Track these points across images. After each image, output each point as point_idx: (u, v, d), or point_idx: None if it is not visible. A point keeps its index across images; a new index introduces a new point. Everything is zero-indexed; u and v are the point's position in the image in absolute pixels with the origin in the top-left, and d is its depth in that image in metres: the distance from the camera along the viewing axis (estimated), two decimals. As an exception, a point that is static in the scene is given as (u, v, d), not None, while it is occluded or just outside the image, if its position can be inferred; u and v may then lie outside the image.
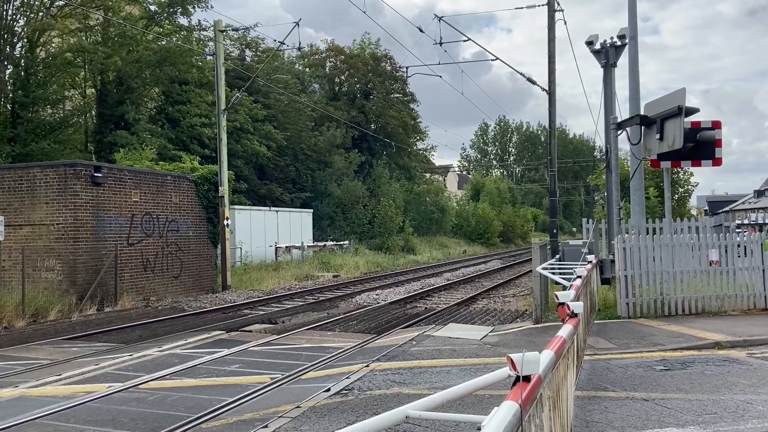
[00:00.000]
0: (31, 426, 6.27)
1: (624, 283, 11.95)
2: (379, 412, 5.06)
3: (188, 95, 30.01)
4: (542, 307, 12.21)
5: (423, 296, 18.77)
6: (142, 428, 6.17)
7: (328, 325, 13.17)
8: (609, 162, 14.19)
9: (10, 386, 7.85)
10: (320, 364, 8.91)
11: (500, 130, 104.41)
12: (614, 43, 14.25)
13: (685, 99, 11.56)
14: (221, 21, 22.22)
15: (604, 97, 14.51)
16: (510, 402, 2.38)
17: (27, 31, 24.23)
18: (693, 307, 12.04)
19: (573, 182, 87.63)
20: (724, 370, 7.93)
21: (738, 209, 72.53)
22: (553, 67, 20.82)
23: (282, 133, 35.86)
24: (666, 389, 7.07)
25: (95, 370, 8.77)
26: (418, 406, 2.60)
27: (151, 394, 7.47)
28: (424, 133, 55.01)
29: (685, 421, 5.91)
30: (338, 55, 48.32)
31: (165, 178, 18.96)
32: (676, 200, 26.01)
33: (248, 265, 25.41)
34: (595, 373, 7.83)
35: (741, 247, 12.48)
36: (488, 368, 7.87)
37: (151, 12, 28.37)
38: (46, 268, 15.73)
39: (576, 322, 4.92)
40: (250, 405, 6.87)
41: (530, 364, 2.63)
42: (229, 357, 9.60)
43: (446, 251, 44.74)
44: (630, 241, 12.11)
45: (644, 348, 9.27)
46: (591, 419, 6.00)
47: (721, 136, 13.20)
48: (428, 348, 9.77)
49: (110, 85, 28.04)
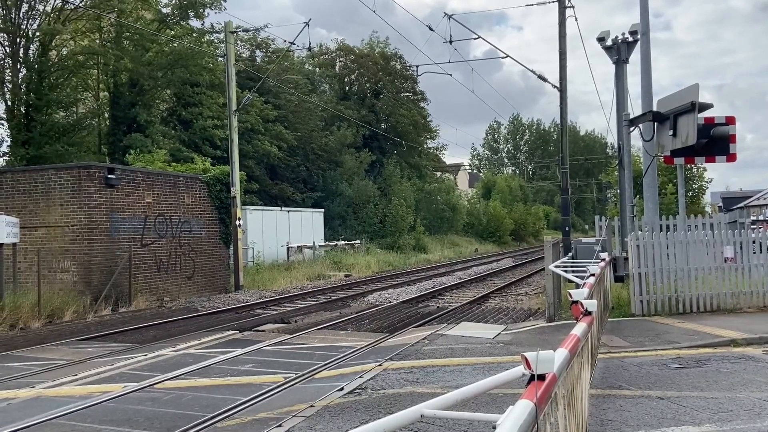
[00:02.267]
0: (47, 426, 6.33)
1: (638, 281, 11.87)
2: (393, 411, 5.07)
3: (200, 97, 30.19)
4: (555, 306, 12.16)
5: (435, 295, 18.75)
6: (158, 428, 6.21)
7: (341, 324, 13.19)
8: (621, 159, 14.11)
9: (27, 386, 7.93)
10: (333, 363, 8.93)
11: (513, 128, 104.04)
12: (626, 39, 14.17)
13: (698, 95, 11.45)
14: (231, 22, 22.31)
15: (616, 94, 14.43)
16: (525, 401, 2.37)
17: (39, 34, 24.46)
18: (708, 304, 11.93)
19: (585, 179, 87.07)
20: (740, 368, 7.86)
21: (753, 205, 71.68)
22: (564, 64, 20.71)
23: (293, 133, 35.96)
24: (681, 387, 7.01)
25: (111, 370, 8.85)
26: (432, 405, 2.61)
27: (166, 393, 7.53)
28: (435, 131, 54.99)
29: (701, 420, 5.86)
30: (348, 55, 48.36)
31: (177, 179, 19.08)
32: (690, 197, 25.81)
33: (260, 265, 25.51)
34: (609, 372, 7.79)
35: (756, 243, 12.35)
36: (501, 367, 7.86)
37: (163, 14, 28.56)
38: (62, 270, 15.88)
39: (590, 320, 4.90)
40: (264, 404, 6.90)
41: (545, 362, 2.62)
42: (242, 357, 9.64)
43: (458, 250, 44.66)
44: (643, 239, 12.02)
45: (659, 346, 9.20)
46: (606, 418, 5.97)
47: (735, 131, 13.05)
48: (441, 347, 9.76)
49: (123, 88, 28.26)
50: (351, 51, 48.44)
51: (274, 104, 35.25)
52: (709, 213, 35.10)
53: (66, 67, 25.75)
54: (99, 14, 25.29)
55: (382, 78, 47.85)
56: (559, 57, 20.71)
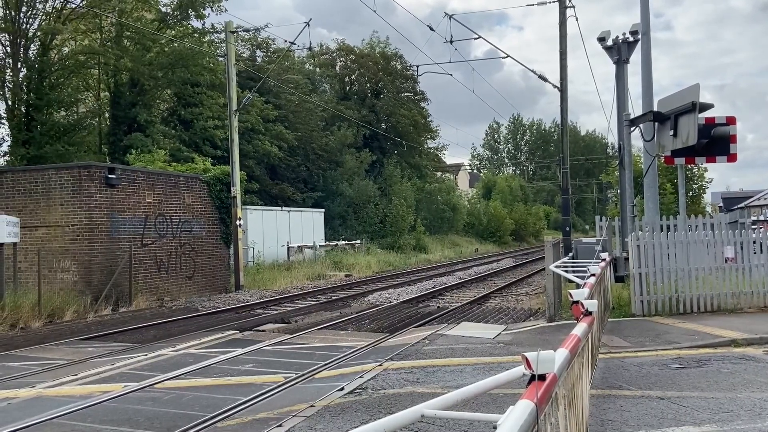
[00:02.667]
0: (48, 425, 6.33)
1: (638, 281, 11.86)
2: (393, 411, 5.06)
3: (200, 97, 30.18)
4: (555, 306, 12.15)
5: (435, 295, 18.75)
6: (158, 427, 6.21)
7: (341, 324, 13.19)
8: (622, 159, 14.10)
9: (28, 386, 7.93)
10: (333, 363, 8.92)
11: (514, 128, 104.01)
12: (626, 39, 14.16)
13: (699, 95, 11.44)
14: (232, 22, 22.31)
15: (617, 94, 14.42)
16: (525, 401, 2.37)
17: (39, 34, 24.46)
18: (708, 304, 11.93)
19: (585, 179, 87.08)
20: (740, 368, 7.85)
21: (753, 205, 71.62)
22: (564, 64, 20.72)
23: (293, 133, 35.95)
24: (682, 387, 7.01)
25: (111, 370, 8.85)
26: (433, 405, 2.61)
27: (166, 393, 7.53)
28: (435, 131, 54.95)
29: (702, 420, 5.86)
30: (348, 55, 48.35)
31: (178, 179, 19.08)
32: (690, 197, 25.79)
33: (261, 264, 25.51)
34: (610, 372, 7.79)
35: (757, 243, 12.35)
36: (502, 367, 7.85)
37: (163, 14, 28.55)
38: (62, 269, 15.88)
39: (590, 320, 4.90)
40: (264, 404, 6.90)
41: (545, 362, 2.62)
42: (242, 356, 9.64)
43: (458, 250, 44.66)
44: (644, 239, 12.02)
45: (659, 346, 9.20)
46: (606, 418, 5.96)
47: (736, 131, 13.06)
48: (441, 347, 9.76)
49: (123, 88, 28.25)
50: (351, 51, 48.43)
51: (275, 104, 35.25)
52: (710, 213, 35.08)
53: (66, 67, 25.73)
54: (99, 14, 25.29)
55: (382, 78, 47.84)
56: (560, 57, 20.72)
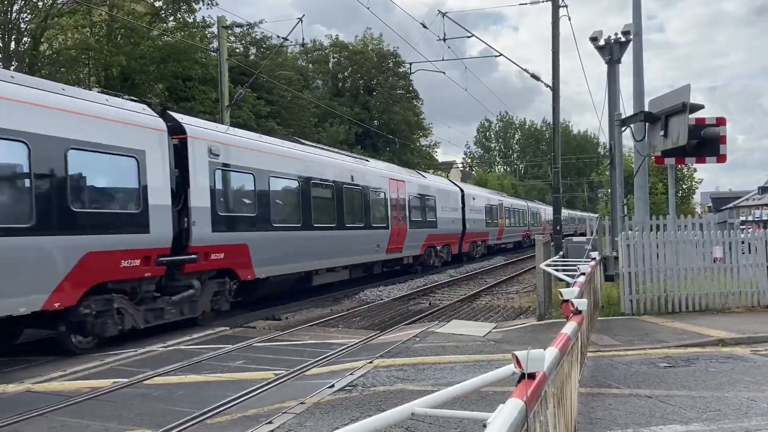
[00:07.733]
0: (36, 421, 6.30)
1: (628, 280, 11.93)
2: (384, 409, 5.08)
3: (192, 92, 30.01)
4: (546, 304, 12.21)
5: (426, 292, 18.77)
6: (147, 423, 6.20)
7: (332, 321, 13.19)
8: (613, 158, 14.17)
9: (16, 381, 7.89)
10: (324, 360, 8.93)
11: (503, 126, 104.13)
12: (618, 39, 14.19)
13: (689, 96, 11.51)
14: (225, 17, 22.23)
15: (608, 94, 14.46)
16: (515, 399, 2.39)
17: (31, 27, 24.23)
18: (697, 304, 12.02)
19: (576, 179, 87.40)
20: (728, 368, 7.92)
21: (742, 206, 72.31)
22: (557, 63, 20.78)
23: (286, 129, 35.84)
24: (670, 386, 7.06)
25: (100, 366, 8.81)
26: (423, 403, 2.62)
27: (155, 389, 7.50)
28: (428, 129, 55.00)
29: (689, 419, 5.91)
30: (342, 51, 48.25)
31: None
32: (680, 197, 25.96)
33: (252, 261, 25.38)
34: (598, 370, 7.83)
35: (745, 243, 12.45)
36: (492, 365, 7.88)
37: (156, 8, 28.38)
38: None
39: (580, 319, 4.93)
40: (254, 401, 6.89)
41: (535, 361, 2.64)
42: (233, 353, 9.63)
43: (449, 248, 44.64)
44: (634, 238, 12.09)
45: (648, 345, 9.26)
46: (595, 416, 6.00)
47: (726, 132, 13.15)
48: (432, 344, 9.78)
49: (114, 81, 28.02)
50: (345, 47, 48.34)
51: (267, 100, 35.12)
52: (699, 213, 35.35)
53: (57, 62, 25.52)
54: (90, 6, 25.09)
55: (375, 75, 47.80)
56: (552, 56, 20.78)
